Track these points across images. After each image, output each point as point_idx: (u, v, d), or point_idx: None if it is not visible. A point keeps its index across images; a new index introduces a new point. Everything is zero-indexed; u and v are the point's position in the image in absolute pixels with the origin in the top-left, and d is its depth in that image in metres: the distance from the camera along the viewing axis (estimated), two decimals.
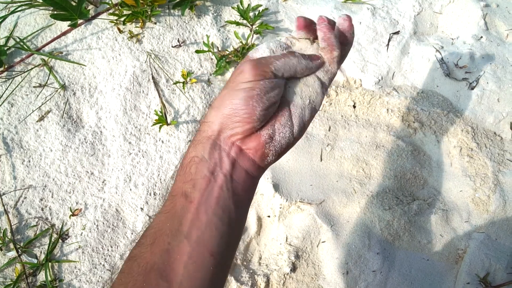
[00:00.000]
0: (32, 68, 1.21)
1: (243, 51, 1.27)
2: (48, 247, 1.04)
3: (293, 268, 1.04)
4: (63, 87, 1.20)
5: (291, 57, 0.52)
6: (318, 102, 0.55)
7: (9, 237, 1.04)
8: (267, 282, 1.03)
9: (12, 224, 1.06)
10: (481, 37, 1.36)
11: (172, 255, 0.45)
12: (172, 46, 1.28)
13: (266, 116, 0.49)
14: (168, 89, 1.23)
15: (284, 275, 1.03)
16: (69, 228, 1.07)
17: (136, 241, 0.50)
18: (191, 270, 0.45)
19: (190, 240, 0.45)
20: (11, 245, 1.04)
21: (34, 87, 1.20)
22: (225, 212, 0.48)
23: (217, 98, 0.51)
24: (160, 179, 1.13)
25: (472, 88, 1.27)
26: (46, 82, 1.20)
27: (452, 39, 1.38)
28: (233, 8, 1.34)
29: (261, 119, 0.49)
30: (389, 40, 1.34)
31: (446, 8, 1.42)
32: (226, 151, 0.49)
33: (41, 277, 1.02)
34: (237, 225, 0.50)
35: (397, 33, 1.35)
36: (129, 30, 1.27)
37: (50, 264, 1.03)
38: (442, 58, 1.31)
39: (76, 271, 1.03)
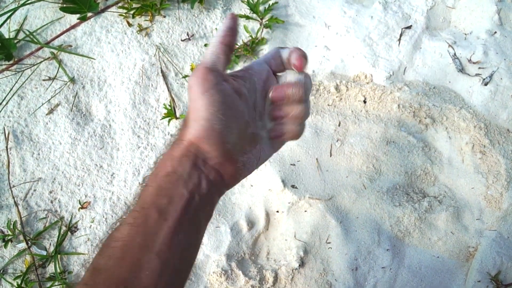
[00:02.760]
0: (41, 61, 1.22)
1: (252, 45, 1.26)
2: (57, 239, 1.04)
3: (302, 264, 1.03)
4: (72, 80, 1.20)
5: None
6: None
7: (19, 229, 1.05)
8: (275, 277, 1.02)
9: (22, 216, 1.06)
10: (495, 32, 1.33)
11: (142, 271, 0.44)
12: (181, 40, 1.27)
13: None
14: (177, 83, 1.23)
15: (292, 270, 1.03)
16: (78, 220, 1.08)
17: (99, 249, 0.47)
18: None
19: (161, 258, 0.45)
20: (21, 237, 1.05)
21: (43, 80, 1.20)
22: (193, 234, 0.49)
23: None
24: None
25: (486, 84, 1.25)
26: (56, 75, 1.20)
27: (465, 34, 1.36)
28: (242, 1, 1.33)
29: (232, 133, 0.50)
30: (401, 35, 1.32)
31: (459, 3, 1.40)
32: (205, 173, 0.49)
33: (50, 269, 1.03)
34: (200, 242, 0.51)
35: (409, 27, 1.33)
36: (138, 24, 1.27)
37: (59, 256, 1.03)
38: (455, 53, 1.29)
39: (85, 264, 1.03)
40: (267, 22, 1.29)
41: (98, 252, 0.47)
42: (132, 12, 1.26)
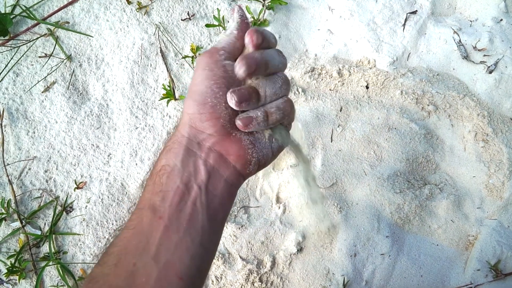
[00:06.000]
0: (38, 38, 1.18)
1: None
2: (52, 219, 1.02)
3: (300, 249, 1.02)
4: (69, 58, 1.17)
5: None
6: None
7: (13, 207, 1.03)
8: (273, 262, 1.01)
9: (16, 195, 1.04)
10: (501, 19, 1.31)
11: (138, 278, 0.40)
12: (182, 19, 1.24)
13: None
14: (177, 63, 1.20)
15: (290, 255, 1.01)
16: (74, 200, 1.06)
17: (98, 258, 0.43)
18: None
19: (158, 262, 0.40)
20: (15, 216, 1.03)
21: (39, 57, 1.17)
22: (197, 231, 0.43)
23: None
24: None
25: (490, 72, 1.23)
26: (52, 53, 1.17)
27: (471, 21, 1.33)
28: None
29: (227, 107, 0.45)
30: (405, 20, 1.30)
31: None
32: (202, 158, 0.45)
33: (45, 248, 1.01)
34: (210, 244, 0.45)
35: (414, 12, 1.31)
36: (138, 1, 1.23)
37: (54, 236, 1.02)
38: (459, 40, 1.27)
39: (80, 244, 1.02)
40: (269, 3, 1.26)
41: (98, 261, 0.44)
42: None
